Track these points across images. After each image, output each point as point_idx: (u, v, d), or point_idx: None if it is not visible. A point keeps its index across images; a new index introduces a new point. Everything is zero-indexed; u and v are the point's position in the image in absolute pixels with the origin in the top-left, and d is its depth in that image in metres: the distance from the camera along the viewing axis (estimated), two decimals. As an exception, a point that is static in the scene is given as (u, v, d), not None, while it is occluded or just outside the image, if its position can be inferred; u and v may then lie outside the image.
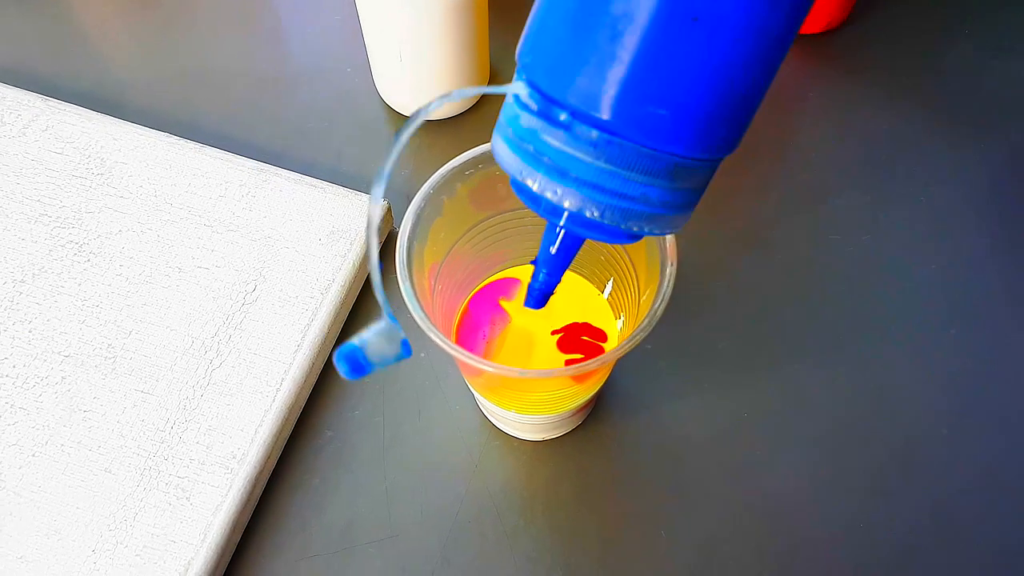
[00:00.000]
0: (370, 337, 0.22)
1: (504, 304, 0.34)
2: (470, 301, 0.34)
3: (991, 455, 0.36)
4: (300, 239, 0.38)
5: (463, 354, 0.26)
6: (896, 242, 0.40)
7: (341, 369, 0.22)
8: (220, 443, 0.34)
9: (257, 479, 0.34)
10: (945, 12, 0.47)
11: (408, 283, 0.27)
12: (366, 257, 0.39)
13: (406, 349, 0.22)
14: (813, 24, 0.46)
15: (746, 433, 0.36)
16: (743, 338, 0.38)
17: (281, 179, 0.40)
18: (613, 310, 0.34)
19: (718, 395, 0.37)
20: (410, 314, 0.26)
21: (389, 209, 0.40)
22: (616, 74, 0.19)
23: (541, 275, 0.25)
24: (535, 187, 0.21)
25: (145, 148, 0.40)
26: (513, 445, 0.36)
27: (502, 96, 0.22)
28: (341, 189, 0.39)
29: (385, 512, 0.34)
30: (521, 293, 0.34)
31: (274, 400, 0.35)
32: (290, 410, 0.35)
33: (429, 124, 0.44)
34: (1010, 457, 0.36)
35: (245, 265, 0.38)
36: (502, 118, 0.22)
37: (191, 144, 0.41)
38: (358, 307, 0.39)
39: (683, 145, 0.20)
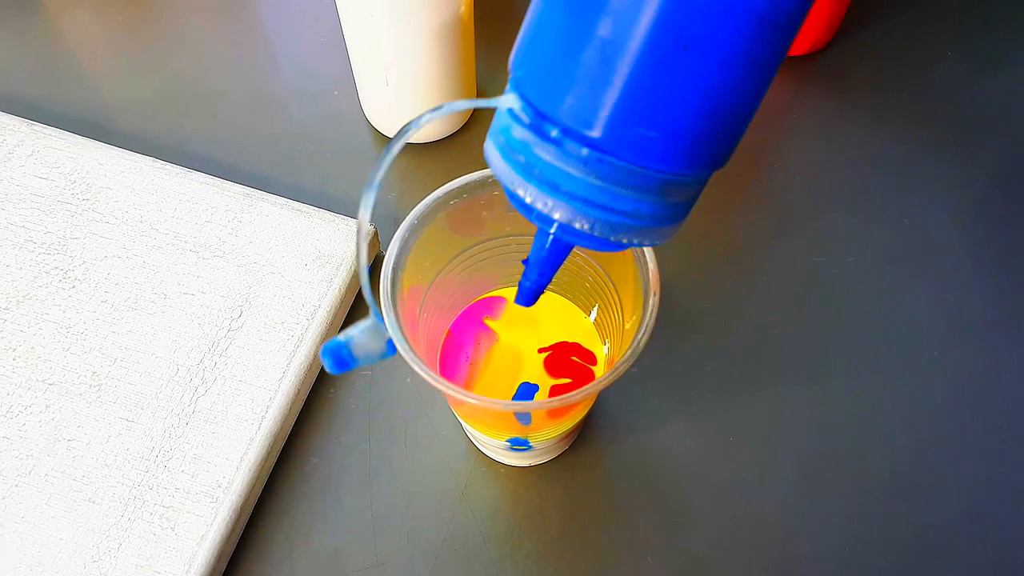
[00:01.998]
0: (356, 334, 0.22)
1: (489, 322, 0.34)
2: (453, 322, 0.34)
3: (976, 477, 0.36)
4: (286, 264, 0.38)
5: (448, 387, 0.25)
6: (882, 263, 0.41)
7: (326, 363, 0.22)
8: (205, 471, 0.34)
9: (242, 508, 0.33)
10: (930, 34, 0.48)
11: (392, 313, 0.27)
12: (356, 273, 0.39)
13: (391, 348, 0.22)
14: (798, 46, 0.46)
15: (733, 456, 0.36)
16: (729, 361, 0.38)
17: (268, 204, 0.40)
18: (599, 334, 0.34)
19: (704, 418, 0.37)
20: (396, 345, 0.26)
21: (376, 233, 0.40)
22: (606, 96, 0.19)
23: (533, 275, 0.25)
24: (527, 198, 0.21)
25: (131, 173, 0.40)
26: (500, 471, 0.36)
27: (491, 116, 0.22)
28: (327, 214, 0.39)
29: (371, 540, 0.34)
30: (507, 311, 0.34)
31: (259, 428, 0.35)
32: (275, 437, 0.35)
33: (415, 147, 0.44)
34: (994, 479, 0.36)
35: (231, 291, 0.37)
36: (495, 125, 0.22)
37: (177, 169, 0.41)
38: (345, 332, 0.38)
39: (673, 164, 0.20)
